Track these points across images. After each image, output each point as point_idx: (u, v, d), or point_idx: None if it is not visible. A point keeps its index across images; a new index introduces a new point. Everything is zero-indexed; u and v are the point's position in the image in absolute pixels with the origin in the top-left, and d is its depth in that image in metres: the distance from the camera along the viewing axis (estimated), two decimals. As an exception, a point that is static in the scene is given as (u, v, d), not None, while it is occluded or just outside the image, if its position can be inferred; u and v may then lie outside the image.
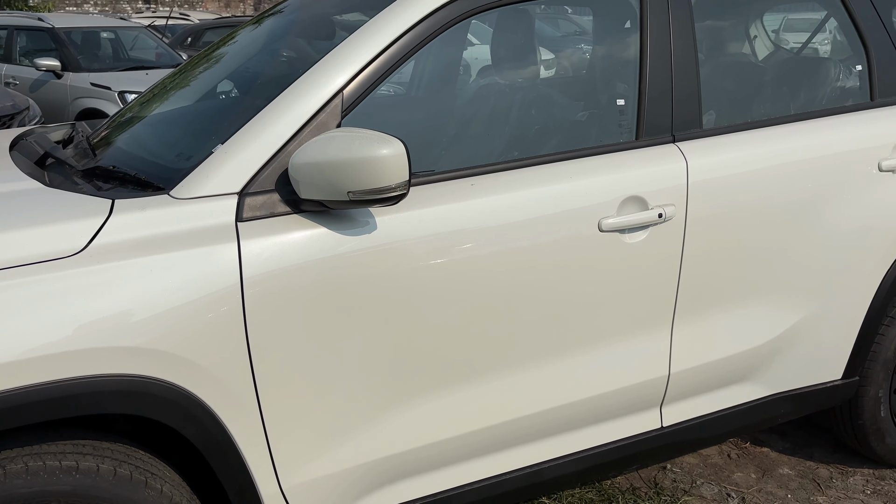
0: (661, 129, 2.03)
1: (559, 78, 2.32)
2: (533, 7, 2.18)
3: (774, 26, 2.81)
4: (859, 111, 2.34)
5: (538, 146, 1.99)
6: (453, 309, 1.75)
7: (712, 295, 2.12)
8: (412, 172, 1.71)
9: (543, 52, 2.29)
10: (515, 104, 2.11)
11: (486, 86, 2.24)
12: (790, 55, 2.57)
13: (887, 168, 2.30)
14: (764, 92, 2.34)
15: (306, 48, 2.01)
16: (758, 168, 2.10)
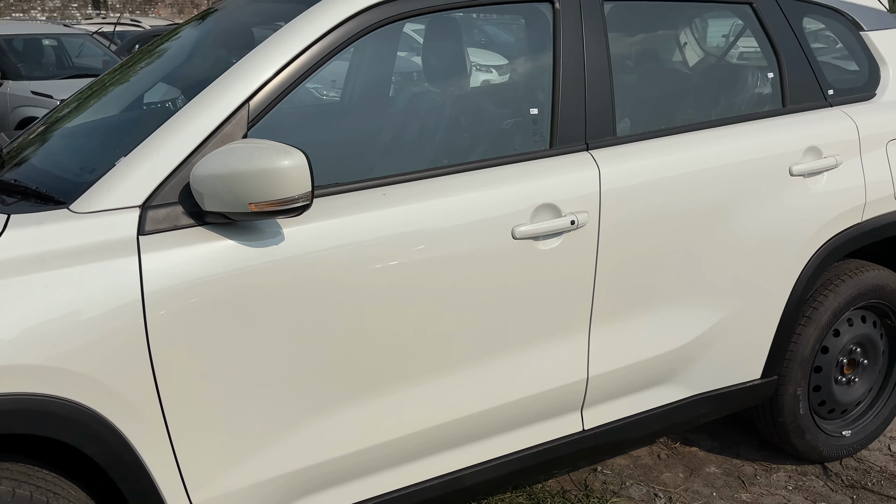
0: (575, 138, 2.07)
1: (476, 88, 2.35)
2: (448, 18, 2.20)
3: (725, 31, 2.87)
4: (771, 118, 2.41)
5: (453, 155, 2.01)
6: (364, 320, 1.76)
7: (629, 299, 2.16)
8: (316, 184, 1.73)
9: (461, 62, 2.31)
10: (431, 114, 2.13)
11: (401, 96, 2.26)
12: (710, 63, 2.63)
13: (798, 172, 2.37)
14: (681, 100, 2.40)
15: (222, 58, 2.00)
16: (670, 175, 2.15)
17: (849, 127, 2.49)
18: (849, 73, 2.70)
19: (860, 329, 2.70)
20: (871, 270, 2.65)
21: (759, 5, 2.44)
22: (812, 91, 2.51)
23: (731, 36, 2.54)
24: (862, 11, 2.70)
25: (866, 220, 2.52)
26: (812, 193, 2.40)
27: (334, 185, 1.76)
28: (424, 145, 2.03)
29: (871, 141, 2.53)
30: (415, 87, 2.24)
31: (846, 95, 2.59)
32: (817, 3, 2.60)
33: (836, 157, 2.44)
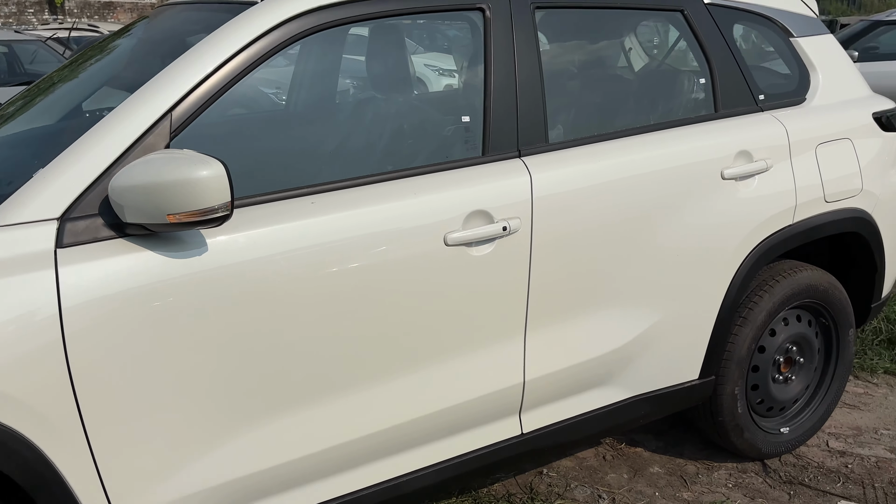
0: (507, 145, 2.09)
1: (409, 96, 2.36)
2: (382, 25, 2.21)
3: (658, 38, 2.92)
4: (704, 123, 2.46)
5: (386, 163, 2.02)
6: (291, 331, 1.76)
7: (563, 303, 2.18)
8: (244, 193, 1.73)
9: (397, 70, 2.32)
10: (364, 122, 2.13)
11: (334, 104, 2.26)
12: (643, 70, 2.67)
13: (729, 176, 2.42)
14: (614, 106, 2.43)
15: (150, 68, 1.99)
16: (602, 180, 2.18)
17: (779, 131, 2.55)
18: (780, 79, 2.76)
19: (796, 328, 2.76)
20: (805, 271, 2.72)
21: (690, 12, 2.49)
22: (743, 96, 2.56)
23: (664, 43, 2.58)
24: (791, 18, 2.77)
25: (797, 222, 2.58)
26: (744, 197, 2.45)
27: (262, 195, 1.76)
28: (357, 153, 2.04)
29: (801, 145, 2.59)
30: (348, 96, 2.24)
31: (777, 100, 2.65)
32: (747, 11, 2.66)
33: (767, 161, 2.49)
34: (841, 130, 2.71)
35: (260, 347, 1.72)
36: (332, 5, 1.87)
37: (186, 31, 2.00)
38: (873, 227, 2.79)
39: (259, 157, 1.90)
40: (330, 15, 1.87)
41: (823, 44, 2.82)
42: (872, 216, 2.79)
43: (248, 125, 2.03)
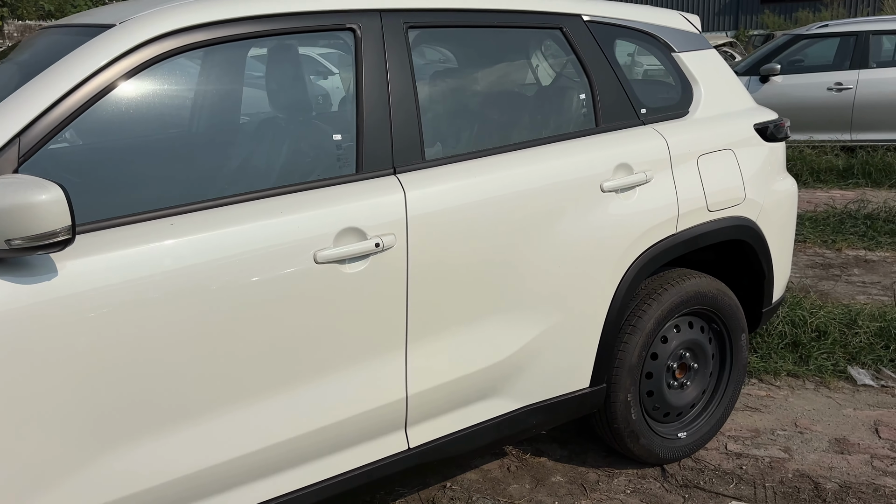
0: (381, 162, 2.12)
1: (281, 115, 2.37)
2: (244, 46, 2.22)
3: (537, 54, 2.98)
4: (584, 137, 2.52)
5: (253, 182, 2.02)
6: (154, 354, 1.75)
7: (445, 318, 2.21)
8: (101, 216, 1.72)
9: (271, 90, 2.34)
10: (231, 141, 2.14)
11: (201, 123, 2.27)
12: (523, 86, 2.72)
13: (609, 188, 2.48)
14: (493, 123, 2.48)
15: (4, 93, 1.97)
16: (479, 196, 2.22)
17: (659, 144, 2.63)
18: (662, 93, 2.85)
19: (688, 335, 2.84)
20: (693, 278, 2.80)
21: (569, 30, 2.57)
22: (624, 110, 2.64)
23: (544, 59, 2.65)
24: (673, 34, 2.87)
25: (681, 232, 2.66)
26: (625, 208, 2.52)
27: (119, 218, 1.75)
28: (223, 173, 2.04)
29: (682, 156, 2.68)
30: (214, 115, 2.25)
31: (659, 114, 2.74)
32: (628, 27, 2.74)
33: (647, 173, 2.57)
34: (723, 142, 2.81)
35: (118, 374, 1.71)
36: (193, 27, 1.89)
37: (52, 54, 1.99)
38: (758, 235, 2.89)
39: (120, 180, 1.90)
40: (192, 37, 1.89)
41: (705, 58, 2.92)
42: (757, 224, 2.89)
43: (111, 148, 2.02)
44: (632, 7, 2.80)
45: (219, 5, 1.96)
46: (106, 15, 2.01)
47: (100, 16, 2.03)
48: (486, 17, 2.40)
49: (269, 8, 2.02)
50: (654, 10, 2.89)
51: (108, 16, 1.98)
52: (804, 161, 8.25)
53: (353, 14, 2.14)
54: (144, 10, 1.92)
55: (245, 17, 1.98)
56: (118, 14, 1.95)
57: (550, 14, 2.55)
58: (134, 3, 2.06)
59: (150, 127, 1.99)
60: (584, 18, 2.63)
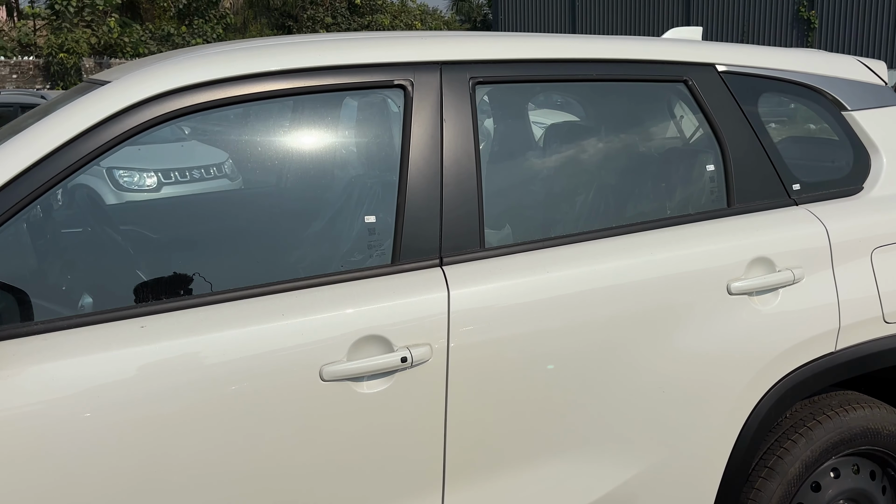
0: (425, 251, 1.69)
1: (300, 191, 1.96)
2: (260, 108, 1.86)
3: (651, 116, 2.43)
4: (708, 221, 1.95)
5: (255, 276, 1.64)
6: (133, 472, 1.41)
7: (496, 454, 1.72)
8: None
9: (281, 162, 1.94)
10: (231, 225, 1.80)
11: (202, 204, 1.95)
12: (628, 156, 2.13)
13: (738, 290, 1.88)
14: (583, 201, 1.97)
15: None
16: (553, 296, 1.73)
17: (815, 231, 1.99)
18: (826, 164, 2.20)
19: (852, 482, 2.13)
20: (862, 408, 2.09)
21: (696, 83, 2.01)
22: (769, 186, 2.03)
23: (660, 121, 2.10)
24: (845, 87, 2.21)
25: (842, 350, 1.99)
26: (760, 317, 1.91)
27: (81, 317, 1.45)
28: (209, 265, 1.67)
29: (849, 248, 2.01)
30: (223, 192, 1.92)
31: (820, 191, 2.09)
32: (780, 79, 2.13)
33: (796, 271, 1.94)
34: (910, 229, 2.10)
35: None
36: (191, 87, 1.56)
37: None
38: (960, 355, 2.13)
39: (93, 269, 1.61)
40: (192, 98, 1.57)
41: (891, 118, 2.23)
42: (958, 340, 2.13)
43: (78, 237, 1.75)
44: (787, 53, 2.19)
45: (238, 59, 1.63)
46: (120, 70, 1.75)
47: (116, 71, 1.78)
48: (579, 68, 1.91)
49: (300, 61, 1.67)
50: (820, 55, 2.25)
51: (121, 70, 1.72)
52: None
53: (403, 68, 1.74)
54: (163, 63, 1.63)
55: (265, 73, 1.64)
56: (131, 68, 1.68)
57: (671, 63, 2.00)
58: (169, 57, 1.79)
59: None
60: (719, 69, 2.06)
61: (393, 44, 1.76)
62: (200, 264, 1.61)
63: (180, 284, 1.57)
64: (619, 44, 1.98)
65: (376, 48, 1.74)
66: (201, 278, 1.57)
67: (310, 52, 1.69)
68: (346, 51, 1.72)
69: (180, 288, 1.56)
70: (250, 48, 1.68)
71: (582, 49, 1.93)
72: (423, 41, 1.79)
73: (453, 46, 1.80)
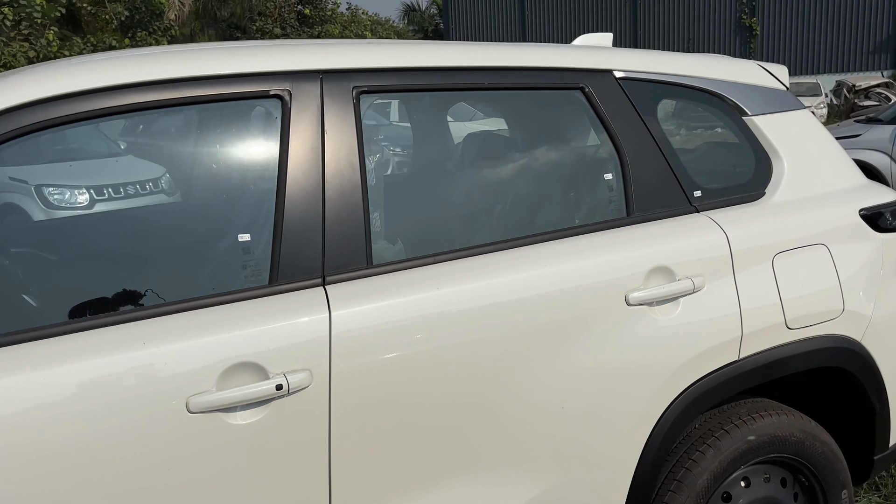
0: (307, 270, 1.60)
1: (169, 215, 1.88)
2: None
3: (543, 123, 2.37)
4: (606, 231, 1.90)
5: (118, 303, 1.54)
6: None
7: (389, 482, 1.64)
8: None
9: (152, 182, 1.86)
10: (102, 248, 1.69)
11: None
12: (521, 166, 2.04)
13: (637, 301, 1.84)
14: (477, 213, 1.90)
15: None
16: (445, 314, 1.66)
17: (716, 239, 1.96)
18: (728, 170, 2.18)
19: (762, 490, 2.10)
20: (770, 415, 2.07)
21: (593, 90, 1.97)
22: (669, 194, 2.00)
23: (553, 129, 2.05)
24: (745, 91, 2.19)
25: (745, 358, 1.96)
26: (662, 326, 1.87)
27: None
28: (67, 291, 1.55)
29: (750, 255, 1.99)
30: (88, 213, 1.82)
31: (721, 197, 2.07)
32: (679, 85, 2.10)
33: (696, 279, 1.90)
34: (812, 234, 2.09)
35: None
36: (61, 98, 1.46)
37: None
38: (864, 359, 2.12)
39: None
40: (32, 116, 1.46)
41: (792, 122, 2.22)
42: (863, 344, 2.13)
43: None
44: (687, 58, 2.16)
45: (84, 72, 1.53)
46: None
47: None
48: (471, 77, 1.85)
49: (176, 71, 1.58)
50: (720, 59, 2.23)
51: None
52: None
53: (280, 77, 1.66)
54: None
55: (125, 85, 1.54)
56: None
57: (566, 70, 1.96)
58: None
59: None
60: (617, 75, 2.02)
61: (270, 52, 1.68)
62: (57, 291, 1.50)
63: (32, 312, 1.46)
64: (513, 51, 1.93)
65: (252, 57, 1.66)
66: (57, 306, 1.46)
67: (178, 62, 1.60)
68: (220, 60, 1.63)
69: (31, 317, 1.45)
70: (112, 59, 1.58)
71: (474, 57, 1.87)
72: (303, 49, 1.71)
73: (335, 55, 1.72)
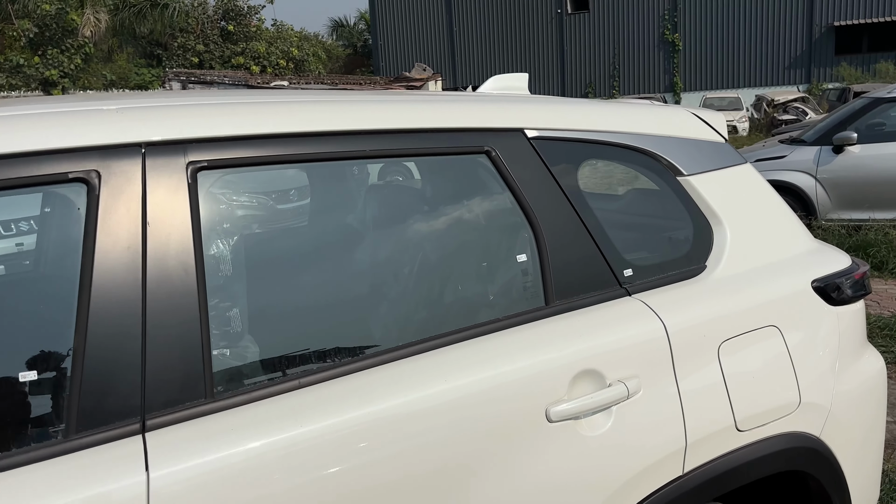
0: (120, 412, 1.20)
1: None
2: None
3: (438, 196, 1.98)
4: (518, 328, 1.55)
5: None
6: None
7: None
8: None
9: None
10: None
11: None
12: (416, 251, 1.63)
13: (560, 416, 1.49)
14: (367, 315, 1.52)
15: None
16: (317, 456, 1.27)
17: (651, 329, 1.63)
18: (661, 241, 1.86)
19: None
20: (720, 531, 1.75)
21: (500, 154, 1.62)
22: (595, 275, 1.66)
23: (452, 203, 1.68)
24: (678, 147, 1.88)
25: (691, 472, 1.64)
26: (591, 444, 1.52)
27: None
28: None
29: (692, 346, 1.66)
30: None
31: (656, 275, 1.75)
32: (603, 143, 1.78)
33: (630, 382, 1.57)
34: (762, 314, 1.78)
35: None
36: None
37: None
38: (824, 458, 1.83)
39: None
40: None
41: (734, 180, 1.92)
42: (822, 440, 1.83)
43: None
44: (612, 109, 1.84)
45: None
46: None
47: None
48: (352, 143, 1.47)
49: None
50: (650, 110, 1.92)
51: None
52: (890, 245, 6.97)
53: (84, 155, 1.25)
54: None
55: None
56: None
57: (468, 132, 1.61)
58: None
59: None
60: (529, 134, 1.68)
61: (69, 121, 1.27)
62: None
63: None
64: (403, 108, 1.56)
65: (45, 127, 1.25)
66: None
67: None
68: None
69: None
70: None
71: (356, 118, 1.50)
72: (116, 116, 1.30)
73: (163, 121, 1.32)
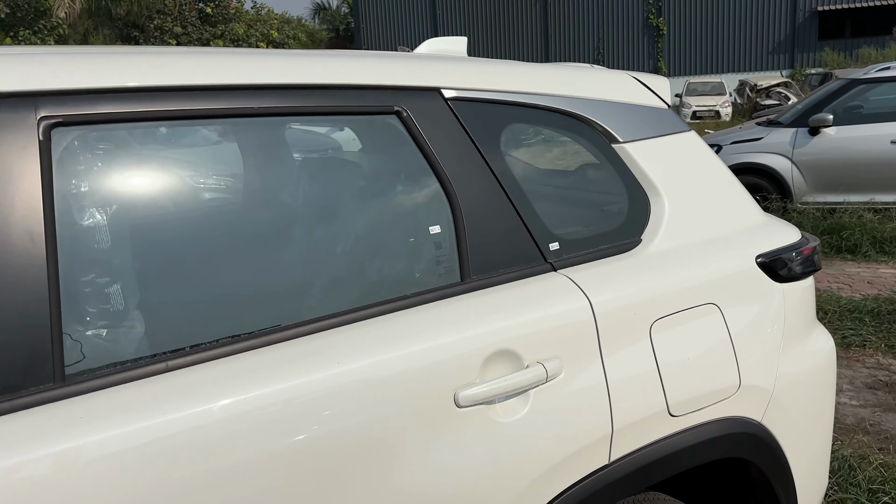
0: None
1: None
2: None
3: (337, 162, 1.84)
4: (427, 305, 1.42)
5: None
6: None
7: None
8: None
9: None
10: None
11: None
12: (328, 222, 1.49)
13: (470, 401, 1.36)
14: (262, 286, 1.38)
15: None
16: (191, 440, 1.14)
17: (576, 306, 1.50)
18: (593, 213, 1.73)
19: None
20: (654, 521, 1.64)
21: (412, 114, 1.48)
22: (517, 249, 1.53)
23: (356, 169, 1.54)
24: (615, 112, 1.75)
25: (618, 461, 1.52)
26: (506, 431, 1.39)
27: None
28: None
29: (621, 325, 1.54)
30: None
31: (585, 249, 1.62)
32: (531, 106, 1.64)
33: (550, 364, 1.44)
34: (700, 291, 1.66)
35: None
36: None
37: None
38: (766, 445, 1.72)
39: None
40: None
41: (674, 149, 1.80)
42: (764, 425, 1.72)
43: None
44: (541, 71, 1.70)
45: None
46: None
47: None
48: (237, 98, 1.33)
49: None
50: (585, 72, 1.78)
51: None
52: (864, 228, 6.91)
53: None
54: None
55: None
56: None
57: (376, 89, 1.47)
58: None
59: None
60: (447, 94, 1.54)
61: None
62: None
63: None
64: (302, 61, 1.42)
65: None
66: None
67: None
68: None
69: None
70: None
71: (243, 72, 1.35)
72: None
73: (9, 70, 1.17)
